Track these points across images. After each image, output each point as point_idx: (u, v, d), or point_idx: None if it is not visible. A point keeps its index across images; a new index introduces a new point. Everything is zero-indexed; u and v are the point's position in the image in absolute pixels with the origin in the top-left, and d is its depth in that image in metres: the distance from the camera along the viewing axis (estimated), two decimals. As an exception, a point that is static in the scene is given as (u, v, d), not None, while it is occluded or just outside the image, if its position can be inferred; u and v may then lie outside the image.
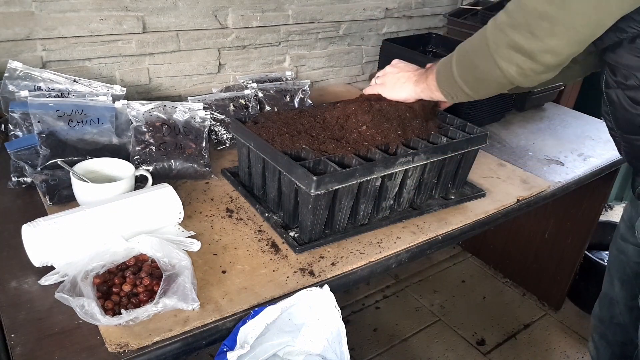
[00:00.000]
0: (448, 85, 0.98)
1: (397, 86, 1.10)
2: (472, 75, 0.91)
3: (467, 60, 0.91)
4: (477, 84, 0.92)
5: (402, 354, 1.81)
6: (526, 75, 0.84)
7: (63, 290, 0.74)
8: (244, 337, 0.75)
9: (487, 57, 0.85)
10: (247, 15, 1.51)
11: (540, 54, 0.80)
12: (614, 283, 1.22)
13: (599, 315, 1.29)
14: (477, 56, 0.88)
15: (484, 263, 2.31)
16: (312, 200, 0.88)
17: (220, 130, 1.28)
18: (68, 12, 1.24)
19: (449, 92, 0.99)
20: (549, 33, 0.78)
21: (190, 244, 0.91)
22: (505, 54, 0.83)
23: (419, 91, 1.06)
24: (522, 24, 0.80)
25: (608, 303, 1.25)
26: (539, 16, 0.78)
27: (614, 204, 2.83)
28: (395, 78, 1.12)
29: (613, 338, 1.25)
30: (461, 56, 0.93)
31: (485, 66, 0.87)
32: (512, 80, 0.86)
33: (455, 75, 0.94)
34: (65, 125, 1.06)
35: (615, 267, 1.21)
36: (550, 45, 0.79)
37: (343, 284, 0.91)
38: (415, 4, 1.94)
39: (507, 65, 0.83)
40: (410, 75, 1.09)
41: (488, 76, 0.88)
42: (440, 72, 0.99)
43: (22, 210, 0.97)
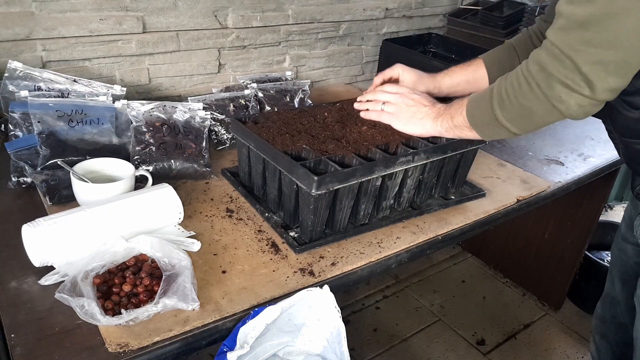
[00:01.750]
0: (487, 127, 0.93)
1: (414, 121, 1.03)
2: (523, 118, 0.88)
3: (514, 104, 0.87)
4: (529, 125, 0.89)
5: (402, 354, 1.81)
6: (586, 112, 0.82)
7: (63, 290, 0.74)
8: (243, 337, 0.75)
9: (543, 102, 0.82)
10: (247, 15, 1.51)
11: (599, 93, 0.78)
12: (615, 282, 1.22)
13: (600, 315, 1.29)
14: (529, 101, 0.84)
15: (484, 263, 2.31)
16: (313, 200, 0.88)
17: (220, 130, 1.28)
18: (68, 12, 1.24)
19: (487, 132, 0.95)
20: (604, 75, 0.76)
21: (190, 244, 0.91)
22: (563, 97, 0.80)
23: (443, 130, 1.01)
24: (573, 70, 0.77)
25: (609, 303, 1.25)
26: (589, 62, 0.76)
27: (614, 204, 2.82)
28: (410, 112, 1.04)
29: (614, 338, 1.25)
30: (505, 99, 0.88)
31: (542, 110, 0.84)
32: (573, 118, 0.84)
33: (499, 118, 0.89)
34: (65, 125, 1.06)
35: (616, 266, 1.21)
36: (608, 85, 0.77)
37: (343, 284, 0.91)
38: (415, 4, 1.94)
39: (567, 107, 0.81)
40: (429, 111, 1.03)
41: (545, 118, 0.86)
42: (475, 114, 0.94)
43: (22, 210, 0.97)
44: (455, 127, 0.98)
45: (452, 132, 1.00)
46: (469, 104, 0.95)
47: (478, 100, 0.94)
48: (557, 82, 0.79)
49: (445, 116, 1.00)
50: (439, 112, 1.01)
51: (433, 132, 1.02)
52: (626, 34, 0.72)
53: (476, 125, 0.94)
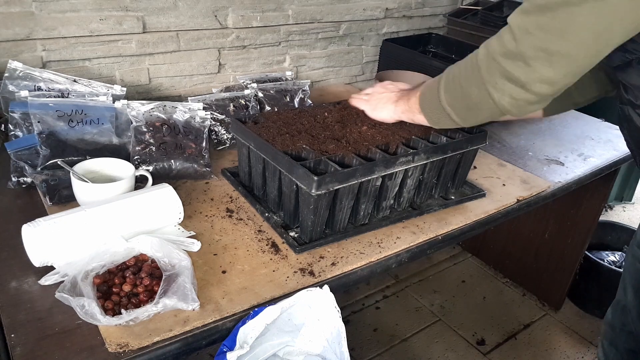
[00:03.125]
0: (433, 111, 0.93)
1: (379, 106, 1.06)
2: (461, 103, 0.86)
3: (456, 87, 0.86)
4: (467, 112, 0.88)
5: (402, 354, 1.81)
6: (519, 106, 0.80)
7: (63, 290, 0.74)
8: (243, 337, 0.75)
9: (479, 85, 0.81)
10: (247, 15, 1.51)
11: (535, 84, 0.76)
12: (627, 290, 1.19)
13: (610, 322, 1.27)
14: (469, 84, 0.83)
15: (484, 263, 2.31)
16: (313, 200, 0.88)
17: (220, 130, 1.28)
18: (68, 12, 1.24)
19: (433, 117, 0.94)
20: (545, 63, 0.74)
21: (190, 244, 0.91)
22: (498, 83, 0.78)
23: (400, 112, 1.01)
24: (516, 53, 0.75)
25: (620, 310, 1.22)
26: (535, 46, 0.74)
27: (614, 204, 2.83)
28: (378, 98, 1.07)
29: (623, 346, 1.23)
30: (450, 82, 0.87)
31: (477, 95, 0.82)
32: (504, 111, 0.82)
33: (442, 100, 0.88)
34: (65, 125, 1.06)
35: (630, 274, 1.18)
36: (546, 75, 0.75)
37: (343, 284, 0.91)
38: (415, 4, 1.94)
39: (500, 96, 0.79)
40: (392, 95, 1.04)
41: (479, 105, 0.84)
42: (426, 95, 0.93)
43: (22, 210, 0.97)
44: (409, 109, 0.97)
45: (406, 115, 0.99)
46: (424, 86, 0.95)
47: (430, 83, 0.93)
48: (496, 67, 0.78)
49: (404, 98, 0.99)
50: (402, 95, 1.01)
51: (393, 116, 1.02)
52: (578, 26, 0.70)
53: (424, 107, 0.93)
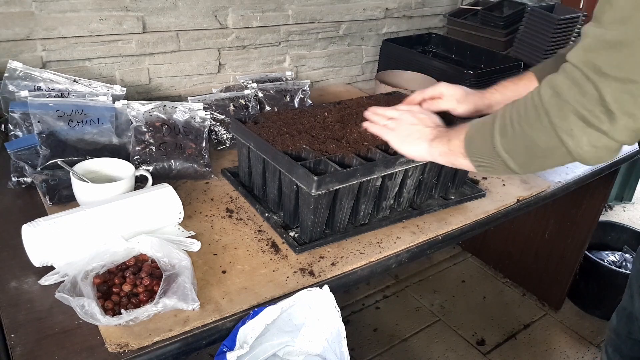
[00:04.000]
0: (484, 156, 0.81)
1: (409, 140, 0.93)
2: (524, 150, 0.75)
3: (518, 132, 0.74)
4: (530, 160, 0.76)
5: (402, 354, 1.81)
6: (599, 156, 0.68)
7: (63, 290, 0.74)
8: (243, 337, 0.75)
9: (549, 132, 0.70)
10: (247, 15, 1.51)
11: (619, 131, 0.65)
12: (634, 299, 1.18)
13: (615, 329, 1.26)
14: (534, 130, 0.72)
15: (484, 263, 2.31)
16: (313, 200, 0.88)
17: (220, 130, 1.28)
18: (68, 12, 1.24)
19: (482, 164, 0.82)
20: (630, 109, 0.63)
21: (190, 244, 0.91)
22: (574, 130, 0.67)
23: (436, 154, 0.89)
24: (594, 96, 0.65)
25: (626, 318, 1.21)
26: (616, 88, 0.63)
27: (614, 204, 2.83)
28: (409, 130, 0.94)
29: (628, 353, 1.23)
30: (508, 125, 0.76)
31: (547, 142, 0.71)
32: (580, 160, 0.71)
33: (497, 146, 0.77)
34: (65, 125, 1.06)
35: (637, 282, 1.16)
36: (633, 122, 0.64)
37: (343, 284, 0.91)
38: (415, 4, 1.94)
39: (577, 144, 0.68)
40: (427, 132, 0.92)
41: (548, 153, 0.72)
42: (474, 139, 0.82)
43: (22, 210, 0.97)
44: (450, 151, 0.86)
45: (446, 158, 0.88)
46: (470, 127, 0.84)
47: (480, 125, 0.82)
48: (571, 111, 0.67)
49: (443, 138, 0.88)
50: (439, 134, 0.90)
51: (426, 156, 0.91)
52: None
53: (472, 152, 0.82)
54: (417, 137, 0.92)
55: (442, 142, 0.88)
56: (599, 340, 1.92)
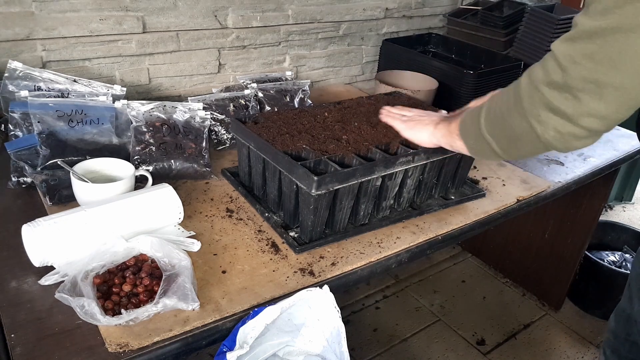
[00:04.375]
0: (473, 139, 0.85)
1: (418, 127, 1.00)
2: (503, 133, 0.79)
3: (497, 116, 0.79)
4: (509, 144, 0.79)
5: (402, 354, 1.81)
6: (565, 141, 0.71)
7: (63, 290, 0.74)
8: (243, 337, 0.75)
9: (521, 116, 0.74)
10: (247, 15, 1.51)
11: (583, 118, 0.68)
12: (633, 301, 1.17)
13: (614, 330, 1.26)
14: (510, 114, 0.76)
15: (484, 263, 2.31)
16: (313, 200, 0.88)
17: (220, 130, 1.28)
18: (68, 12, 1.24)
19: (473, 146, 0.87)
20: (595, 97, 0.66)
21: (190, 244, 0.91)
22: (542, 115, 0.71)
23: (439, 136, 0.95)
24: (562, 84, 0.68)
25: (625, 320, 1.21)
26: (583, 78, 0.66)
27: (614, 204, 2.83)
28: (418, 119, 1.02)
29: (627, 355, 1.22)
30: (491, 110, 0.80)
31: (519, 127, 0.75)
32: (548, 145, 0.74)
33: (483, 129, 0.81)
34: (65, 125, 1.06)
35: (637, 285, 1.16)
36: (596, 109, 0.66)
37: (343, 284, 0.91)
38: (415, 4, 1.94)
39: (544, 129, 0.71)
40: (434, 118, 0.99)
41: (522, 138, 0.76)
42: (466, 121, 0.87)
43: (22, 210, 0.97)
44: (449, 133, 0.91)
45: (445, 140, 0.94)
46: (467, 112, 0.89)
47: (473, 110, 0.86)
48: (539, 97, 0.70)
49: (445, 122, 0.94)
50: (443, 119, 0.97)
51: (431, 139, 0.97)
52: (633, 55, 0.62)
53: (464, 134, 0.87)
54: (425, 124, 0.99)
55: (444, 125, 0.94)
56: (599, 341, 1.92)
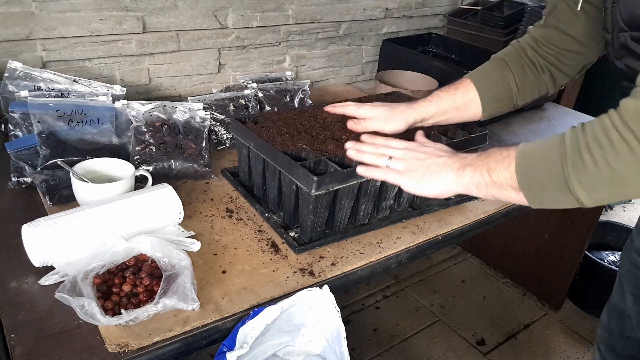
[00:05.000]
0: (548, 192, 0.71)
1: (429, 177, 0.81)
2: (611, 187, 0.66)
3: (602, 168, 0.65)
4: (613, 195, 0.67)
5: (402, 354, 1.81)
6: None
7: (63, 290, 0.74)
8: (243, 337, 0.75)
9: None
10: (247, 15, 1.51)
11: None
12: (625, 296, 1.17)
13: (607, 327, 1.26)
14: (626, 165, 0.64)
15: (484, 263, 2.31)
16: (313, 201, 0.88)
17: (220, 130, 1.28)
18: (68, 12, 1.24)
19: (542, 199, 0.72)
20: None
21: (190, 244, 0.91)
22: None
23: (472, 185, 0.78)
24: None
25: (618, 316, 1.21)
26: None
27: (614, 204, 2.83)
28: (423, 166, 0.83)
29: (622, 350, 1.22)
30: (585, 160, 0.66)
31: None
32: None
33: (572, 182, 0.67)
34: (65, 125, 1.06)
35: (628, 280, 1.16)
36: None
37: (343, 284, 0.91)
38: (415, 4, 1.94)
39: None
40: (448, 161, 0.81)
41: (638, 188, 0.65)
42: (532, 173, 0.71)
43: (22, 210, 0.97)
44: (494, 184, 0.75)
45: (485, 190, 0.77)
46: (520, 157, 0.72)
47: (538, 155, 0.71)
48: None
49: (477, 167, 0.77)
50: (464, 162, 0.80)
51: (458, 188, 0.80)
52: None
53: (529, 186, 0.72)
54: (438, 171, 0.81)
55: (478, 172, 0.77)
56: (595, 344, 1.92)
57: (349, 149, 0.91)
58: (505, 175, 0.73)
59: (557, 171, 0.68)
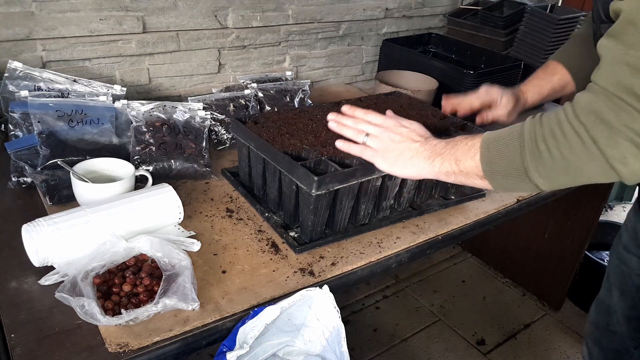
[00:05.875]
0: (509, 179, 0.76)
1: (401, 161, 0.86)
2: (564, 175, 0.71)
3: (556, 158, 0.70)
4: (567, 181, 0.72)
5: (402, 354, 1.81)
6: None
7: (63, 290, 0.74)
8: (243, 337, 0.75)
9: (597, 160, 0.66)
10: (247, 15, 1.51)
11: None
12: (612, 292, 1.18)
13: (594, 321, 1.27)
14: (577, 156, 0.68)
15: (484, 263, 2.31)
16: (313, 200, 0.88)
17: (220, 130, 1.28)
18: (68, 12, 1.24)
19: (505, 185, 0.78)
20: None
21: (190, 244, 0.91)
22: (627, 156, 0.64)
23: (441, 174, 0.84)
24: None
25: (605, 310, 1.22)
26: None
27: (614, 204, 2.83)
28: (397, 149, 0.87)
29: (608, 345, 1.23)
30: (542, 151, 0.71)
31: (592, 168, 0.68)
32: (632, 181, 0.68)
33: (530, 171, 0.72)
34: (65, 125, 1.06)
35: (615, 276, 1.17)
36: None
37: (343, 284, 0.91)
38: (415, 4, 1.94)
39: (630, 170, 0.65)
40: (420, 148, 0.85)
41: (593, 178, 0.70)
42: (494, 162, 0.77)
43: (22, 210, 0.97)
44: (461, 172, 0.81)
45: (454, 178, 0.83)
46: (485, 148, 0.78)
47: (500, 146, 0.76)
48: (624, 138, 0.64)
49: (446, 157, 0.82)
50: (435, 150, 0.84)
51: (427, 174, 0.85)
52: None
53: (492, 174, 0.77)
54: (411, 157, 0.85)
55: (447, 161, 0.82)
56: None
57: (331, 120, 0.95)
58: (471, 164, 0.79)
59: (516, 161, 0.74)
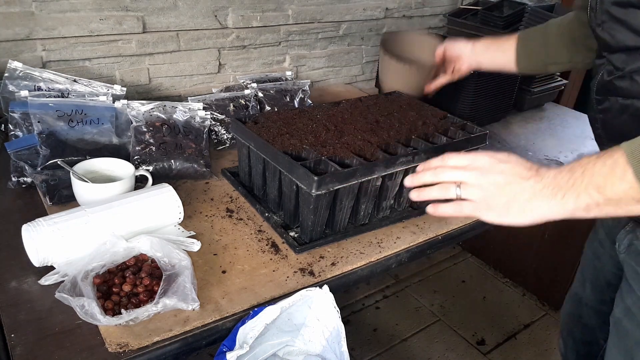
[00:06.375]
0: None
1: (517, 207, 0.68)
2: None
3: None
4: None
5: (402, 354, 1.81)
6: None
7: (63, 290, 0.74)
8: (243, 337, 0.75)
9: None
10: (247, 15, 1.51)
11: None
12: (585, 285, 1.19)
13: (568, 313, 1.28)
14: None
15: (484, 263, 2.31)
16: (313, 200, 0.88)
17: (220, 130, 1.28)
18: (68, 12, 1.24)
19: None
20: None
21: (190, 244, 0.91)
22: None
23: (580, 208, 0.64)
24: None
25: (577, 303, 1.23)
26: None
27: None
28: (506, 194, 0.69)
29: (580, 337, 1.24)
30: None
31: None
32: None
33: None
34: (65, 125, 1.06)
35: (588, 269, 1.17)
36: None
37: (343, 284, 0.91)
38: (415, 4, 1.94)
39: None
40: (537, 185, 0.67)
41: None
42: None
43: (22, 210, 0.97)
44: (610, 201, 0.62)
45: (597, 210, 0.64)
46: (637, 161, 0.60)
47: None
48: None
49: (580, 187, 0.64)
50: (557, 182, 0.66)
51: (558, 215, 0.67)
52: None
53: None
54: (528, 199, 0.68)
55: (584, 193, 0.64)
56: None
57: (410, 190, 0.78)
58: (624, 187, 0.61)
59: None
